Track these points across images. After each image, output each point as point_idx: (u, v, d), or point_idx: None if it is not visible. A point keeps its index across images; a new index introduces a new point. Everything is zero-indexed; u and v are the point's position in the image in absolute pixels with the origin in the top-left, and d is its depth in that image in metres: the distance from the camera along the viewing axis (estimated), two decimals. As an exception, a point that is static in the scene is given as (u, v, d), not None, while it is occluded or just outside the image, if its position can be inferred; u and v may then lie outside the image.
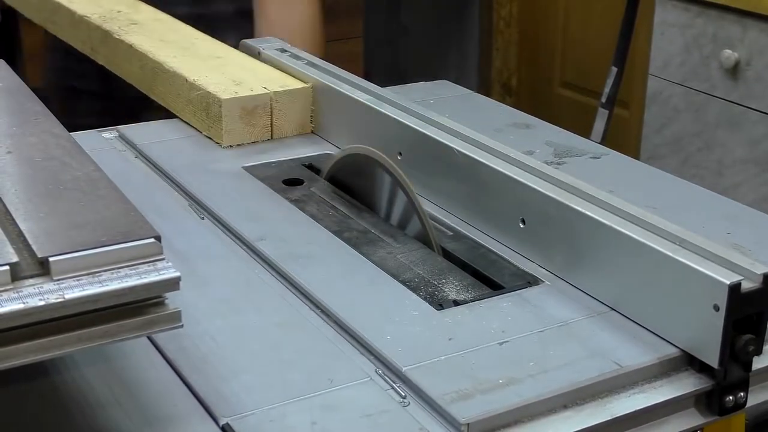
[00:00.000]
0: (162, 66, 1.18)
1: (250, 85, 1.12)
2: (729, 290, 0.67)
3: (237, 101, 1.09)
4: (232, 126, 1.09)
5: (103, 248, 0.58)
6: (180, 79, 1.15)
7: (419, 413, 0.66)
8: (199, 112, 1.12)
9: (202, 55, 1.22)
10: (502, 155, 0.90)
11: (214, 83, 1.12)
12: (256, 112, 1.10)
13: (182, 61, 1.19)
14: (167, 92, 1.18)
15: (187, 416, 0.66)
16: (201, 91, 1.11)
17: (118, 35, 1.28)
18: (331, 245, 0.88)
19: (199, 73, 1.15)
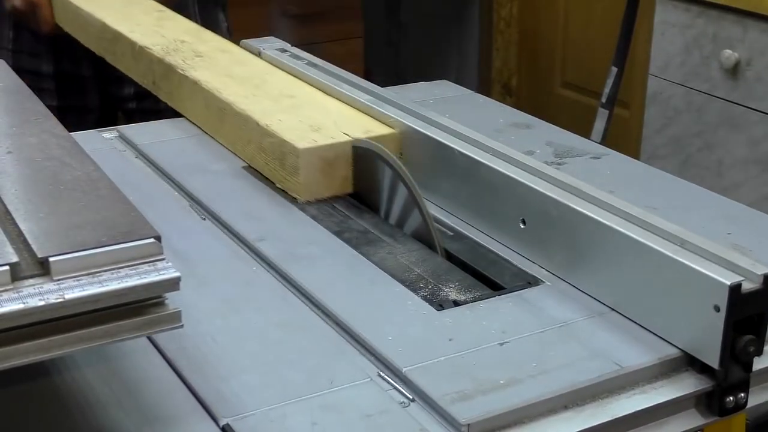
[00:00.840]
0: (231, 107, 1.06)
1: (329, 131, 0.98)
2: (729, 291, 0.67)
3: (316, 151, 0.95)
4: (310, 178, 0.95)
5: (103, 248, 0.58)
6: (251, 123, 1.02)
7: (419, 414, 0.66)
8: (273, 161, 0.99)
9: (274, 93, 1.10)
10: (502, 155, 0.89)
11: (289, 129, 0.99)
12: (336, 163, 0.96)
13: (253, 101, 1.07)
14: (236, 137, 1.06)
15: (187, 416, 0.66)
16: (275, 138, 0.98)
17: (182, 70, 1.16)
18: (331, 245, 0.88)
19: (272, 116, 1.02)
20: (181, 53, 1.22)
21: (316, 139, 0.96)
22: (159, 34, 1.29)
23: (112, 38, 1.33)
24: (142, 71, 1.27)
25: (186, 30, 1.32)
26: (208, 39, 1.29)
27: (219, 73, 1.15)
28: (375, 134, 0.98)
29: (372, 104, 1.04)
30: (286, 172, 0.97)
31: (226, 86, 1.11)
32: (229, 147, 1.08)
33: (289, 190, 0.97)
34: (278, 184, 0.98)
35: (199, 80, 1.13)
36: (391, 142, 0.98)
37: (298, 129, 0.98)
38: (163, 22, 1.35)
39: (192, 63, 1.18)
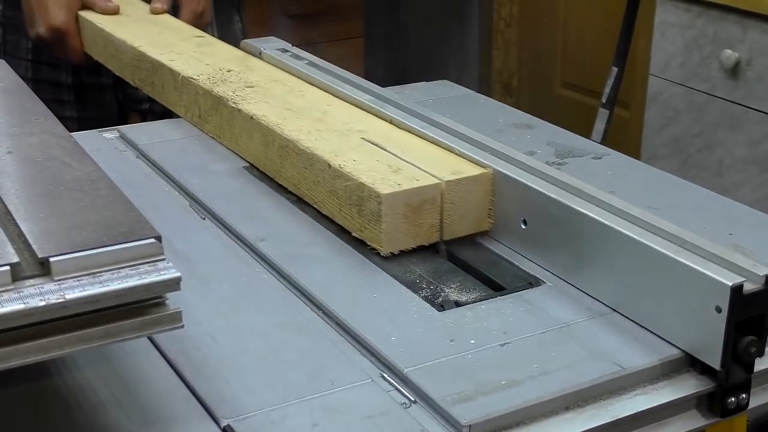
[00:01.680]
0: (295, 145, 0.95)
1: (411, 172, 0.87)
2: (731, 292, 0.67)
3: (401, 196, 0.83)
4: (393, 227, 0.84)
5: (103, 248, 0.58)
6: (319, 163, 0.91)
7: (420, 415, 0.66)
8: (348, 207, 0.88)
9: (340, 127, 0.99)
10: (503, 156, 0.89)
11: (366, 170, 0.87)
12: (423, 209, 0.85)
13: (318, 136, 0.96)
14: (301, 177, 0.95)
15: (187, 417, 0.66)
16: (351, 182, 0.86)
17: (234, 103, 1.06)
18: (332, 246, 0.88)
19: (344, 155, 0.91)
20: (230, 84, 1.12)
21: (400, 182, 0.84)
22: (202, 62, 1.19)
23: (150, 68, 1.22)
24: (185, 104, 1.17)
25: (231, 57, 1.23)
26: (256, 67, 1.19)
27: (276, 105, 1.05)
28: (465, 175, 0.86)
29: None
30: (364, 219, 0.85)
31: (286, 120, 1.00)
32: (292, 188, 0.97)
33: (368, 240, 0.85)
34: (355, 233, 0.87)
35: (255, 114, 1.02)
36: (482, 184, 0.87)
37: (375, 170, 0.87)
38: (203, 48, 1.25)
39: (244, 95, 1.08)
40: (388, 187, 0.83)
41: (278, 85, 1.12)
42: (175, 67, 1.16)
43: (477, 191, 0.87)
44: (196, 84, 1.12)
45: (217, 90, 1.09)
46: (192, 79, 1.13)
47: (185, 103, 1.16)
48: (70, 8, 1.35)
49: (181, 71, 1.15)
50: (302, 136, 0.95)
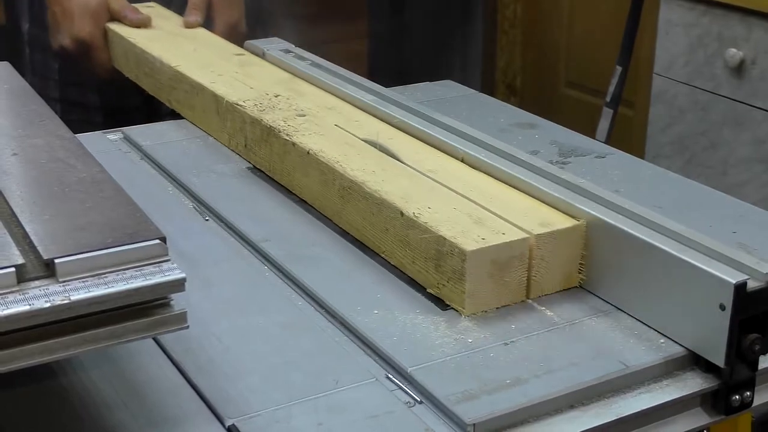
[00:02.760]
0: (360, 187, 0.85)
1: (496, 225, 0.78)
2: (735, 289, 0.67)
3: (486, 253, 0.75)
4: (477, 287, 0.75)
5: (108, 250, 0.58)
6: (389, 209, 0.82)
7: (425, 414, 0.66)
8: (423, 261, 0.79)
9: (409, 166, 0.90)
10: (507, 155, 0.89)
11: (445, 220, 0.78)
12: (510, 266, 0.76)
13: (385, 177, 0.86)
14: (366, 223, 0.86)
15: (193, 417, 0.66)
16: (428, 234, 0.77)
17: (287, 135, 0.96)
18: (336, 246, 0.88)
19: (418, 201, 0.82)
20: (280, 111, 1.03)
21: (484, 237, 0.75)
22: (246, 85, 1.11)
23: (189, 90, 1.14)
24: (230, 131, 1.08)
25: (276, 79, 1.14)
26: (306, 91, 1.10)
27: (333, 138, 0.96)
28: (556, 228, 0.78)
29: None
30: (443, 276, 0.77)
31: (347, 157, 0.91)
32: (355, 233, 0.88)
33: (447, 300, 0.77)
34: (431, 289, 0.79)
35: (312, 150, 0.93)
36: (575, 237, 0.79)
37: (455, 220, 0.78)
38: (246, 69, 1.17)
39: (296, 125, 0.99)
40: (472, 242, 0.74)
41: (332, 114, 1.03)
42: (219, 91, 1.09)
43: (568, 245, 0.78)
44: (242, 111, 1.04)
45: (267, 119, 1.00)
46: (238, 105, 1.05)
47: (229, 130, 1.08)
48: (96, 19, 1.29)
49: (225, 96, 1.07)
50: (367, 177, 0.86)
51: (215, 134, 1.11)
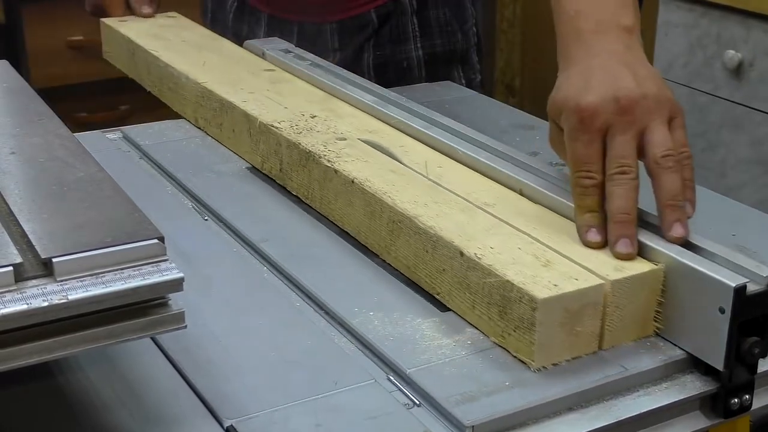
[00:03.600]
0: (412, 222, 0.79)
1: (566, 268, 0.72)
2: (734, 292, 0.67)
3: (558, 302, 0.68)
4: (548, 337, 0.69)
5: (106, 249, 0.58)
6: (447, 248, 0.75)
7: (424, 415, 0.66)
8: (485, 306, 0.72)
9: (462, 198, 0.83)
10: (506, 157, 0.89)
11: (509, 262, 0.72)
12: (583, 315, 0.70)
13: (439, 211, 0.80)
14: (419, 261, 0.79)
15: (191, 418, 0.66)
16: (494, 279, 0.71)
17: (328, 161, 0.90)
18: (335, 246, 0.88)
19: (477, 239, 0.75)
20: (318, 134, 0.96)
21: (556, 282, 0.69)
22: (279, 104, 1.05)
23: (218, 108, 1.08)
24: (263, 154, 1.01)
25: (310, 97, 1.08)
26: (343, 112, 1.04)
27: (377, 165, 0.89)
28: (633, 273, 0.71)
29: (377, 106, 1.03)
30: (508, 325, 0.70)
31: (395, 188, 0.84)
32: (404, 270, 0.81)
33: (513, 350, 0.71)
34: (493, 338, 0.72)
35: (356, 178, 0.86)
36: (653, 283, 0.72)
37: (521, 263, 0.72)
38: (278, 86, 1.11)
39: (337, 150, 0.92)
40: (544, 288, 0.68)
41: (374, 137, 0.97)
42: (251, 111, 1.02)
43: (645, 291, 0.72)
44: (277, 133, 0.97)
45: (305, 142, 0.94)
46: (272, 126, 0.98)
47: (262, 152, 1.01)
48: None
49: (259, 116, 1.01)
50: (419, 211, 0.80)
51: (246, 156, 1.05)
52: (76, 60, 2.54)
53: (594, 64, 0.79)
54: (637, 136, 0.76)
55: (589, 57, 0.80)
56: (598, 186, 0.76)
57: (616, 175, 0.75)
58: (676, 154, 0.76)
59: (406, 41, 1.40)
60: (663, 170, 0.75)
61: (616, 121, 0.76)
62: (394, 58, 1.40)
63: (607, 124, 0.76)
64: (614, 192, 0.75)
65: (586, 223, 0.76)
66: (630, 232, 0.74)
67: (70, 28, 2.50)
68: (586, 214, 0.76)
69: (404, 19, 1.39)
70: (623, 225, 0.74)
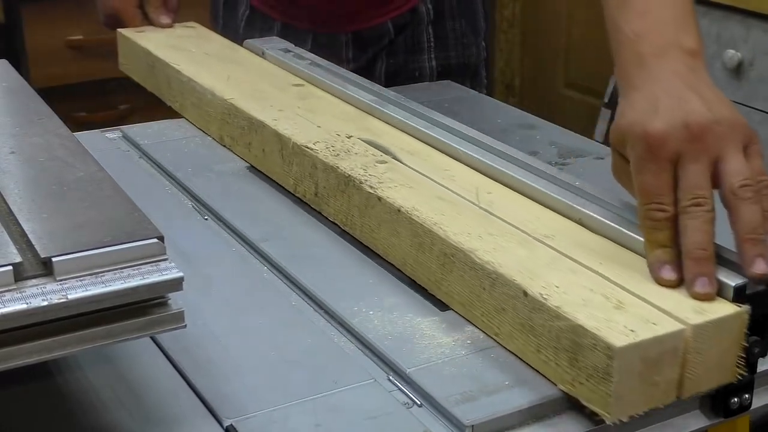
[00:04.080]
0: (467, 256, 0.73)
1: (641, 310, 0.66)
2: (734, 292, 0.67)
3: (637, 350, 0.62)
4: (624, 388, 0.63)
5: (106, 248, 0.58)
6: (508, 287, 0.69)
7: (423, 415, 0.66)
8: (552, 351, 0.66)
9: (518, 229, 0.77)
10: (506, 156, 0.89)
11: (579, 303, 0.66)
12: (662, 363, 0.64)
13: (495, 245, 0.74)
14: (475, 298, 0.73)
15: (190, 417, 0.66)
16: (563, 322, 0.65)
17: (370, 187, 0.84)
18: (335, 246, 0.88)
19: (541, 276, 0.69)
20: (357, 157, 0.90)
21: (633, 328, 0.63)
22: (311, 122, 0.99)
23: (246, 126, 1.03)
24: (295, 176, 0.95)
25: (343, 115, 1.02)
26: (380, 130, 0.98)
27: (424, 192, 0.83)
28: (716, 316, 0.65)
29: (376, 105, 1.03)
30: (580, 373, 0.64)
31: (446, 217, 0.78)
32: (458, 308, 0.76)
33: (584, 400, 0.65)
34: (562, 385, 0.66)
35: (402, 207, 0.80)
36: (736, 325, 0.66)
37: (591, 304, 0.66)
38: (308, 102, 1.05)
39: (378, 174, 0.86)
40: (620, 335, 0.62)
41: (416, 160, 0.90)
42: (283, 130, 0.96)
43: (728, 335, 0.66)
44: (313, 155, 0.91)
45: (344, 166, 0.87)
46: (307, 148, 0.92)
47: (295, 175, 0.95)
48: None
49: (292, 136, 0.95)
50: (474, 244, 0.74)
51: (277, 177, 0.99)
52: (76, 60, 2.53)
53: (658, 89, 0.74)
54: (711, 164, 0.71)
55: (652, 82, 0.75)
56: (670, 219, 0.70)
57: (690, 207, 0.70)
58: (754, 183, 0.70)
59: (420, 51, 1.39)
60: (741, 201, 0.70)
61: (688, 149, 0.70)
62: (407, 67, 1.39)
63: (678, 153, 0.71)
64: (689, 225, 0.69)
65: (658, 260, 0.70)
66: (708, 270, 0.68)
67: (69, 27, 2.50)
68: (658, 250, 0.70)
69: (420, 28, 1.38)
70: (701, 262, 0.68)
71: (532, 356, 0.69)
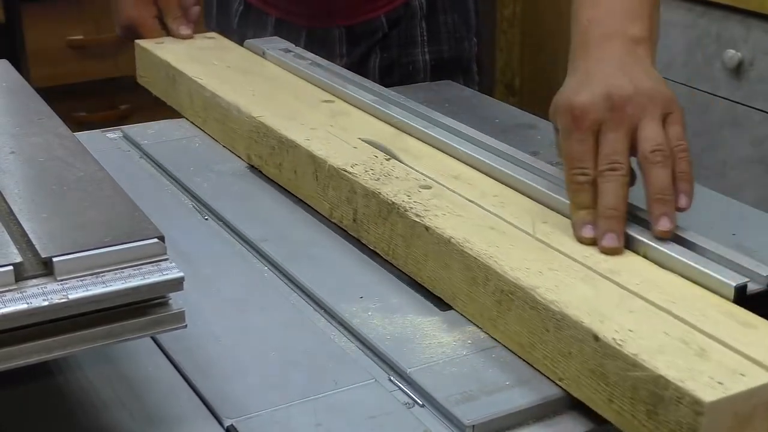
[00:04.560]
0: (528, 294, 0.68)
1: (725, 358, 0.60)
2: (735, 292, 0.67)
3: (728, 404, 0.57)
4: None
5: (106, 248, 0.58)
6: (576, 330, 0.64)
7: (424, 415, 0.66)
8: (627, 402, 0.61)
9: (579, 265, 0.71)
10: (506, 156, 0.89)
11: (655, 350, 0.60)
12: (754, 417, 0.58)
13: (558, 281, 0.69)
14: (536, 340, 0.68)
15: (191, 417, 0.66)
16: (641, 372, 0.59)
17: (416, 215, 0.78)
18: (335, 246, 0.88)
19: (612, 318, 0.64)
20: (399, 181, 0.84)
21: (721, 380, 0.57)
22: (346, 142, 0.93)
23: (277, 146, 0.97)
24: (331, 201, 0.90)
25: (380, 135, 0.96)
26: (419, 151, 0.92)
27: (474, 220, 0.78)
28: None
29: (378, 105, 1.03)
30: (660, 427, 0.58)
31: (500, 249, 0.73)
32: (517, 349, 0.70)
33: None
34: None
35: (453, 238, 0.75)
36: None
37: (670, 350, 0.60)
38: (341, 120, 1.00)
39: (424, 201, 0.81)
40: (708, 388, 0.56)
41: (462, 185, 0.85)
42: (317, 151, 0.91)
43: None
44: (351, 179, 0.86)
45: (386, 192, 0.82)
46: (345, 171, 0.87)
47: (331, 199, 0.89)
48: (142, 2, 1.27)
49: (327, 158, 0.89)
50: (535, 280, 0.68)
51: (311, 201, 0.93)
52: (76, 59, 2.53)
53: (593, 69, 0.81)
54: (629, 132, 0.77)
55: (590, 63, 0.82)
56: (591, 183, 0.77)
57: (606, 172, 0.76)
58: (666, 149, 0.76)
59: (413, 45, 1.40)
60: (651, 165, 0.76)
61: (608, 118, 0.77)
62: (400, 61, 1.40)
63: (599, 122, 0.77)
64: (604, 188, 0.76)
65: (581, 220, 0.76)
66: (617, 227, 0.74)
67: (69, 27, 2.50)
68: (581, 211, 0.76)
69: (413, 22, 1.39)
70: (611, 220, 0.74)
71: (603, 405, 0.63)
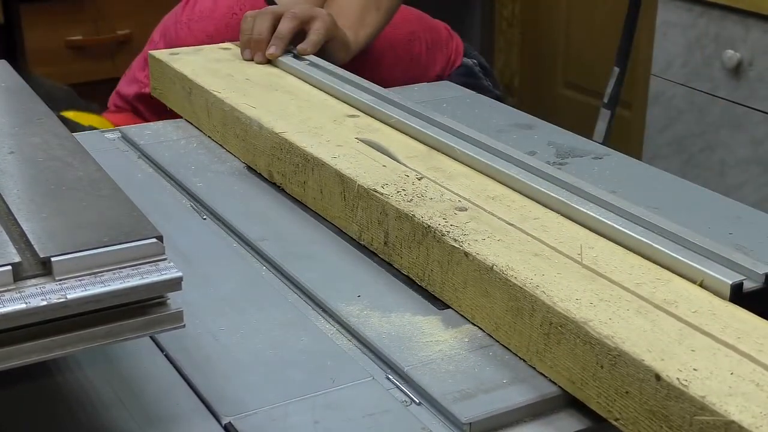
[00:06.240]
0: (580, 328, 0.63)
1: None
2: (731, 290, 0.67)
3: None
4: None
5: (105, 248, 0.58)
6: (635, 368, 0.59)
7: (421, 413, 0.66)
8: None
9: (633, 296, 0.66)
10: (504, 156, 0.89)
11: (727, 393, 0.56)
12: None
13: (611, 313, 0.64)
14: (588, 376, 0.63)
15: (189, 415, 0.66)
16: (711, 417, 0.55)
17: (454, 240, 0.74)
18: (333, 245, 0.88)
19: (675, 357, 0.59)
20: (433, 203, 0.80)
21: None
22: (375, 160, 0.88)
23: (301, 164, 0.92)
24: (360, 222, 0.85)
25: (410, 153, 0.91)
26: (452, 170, 0.87)
27: (516, 246, 0.73)
28: None
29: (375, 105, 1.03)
30: None
31: (546, 278, 0.68)
32: (566, 385, 0.66)
33: None
34: None
35: (495, 265, 0.70)
36: None
37: (741, 393, 0.56)
38: (367, 136, 0.95)
39: (461, 224, 0.76)
40: None
41: (500, 207, 0.80)
42: (345, 170, 0.86)
43: None
44: (382, 200, 0.81)
45: (420, 214, 0.77)
46: (376, 192, 0.82)
47: (361, 221, 0.85)
48: None
49: (356, 178, 0.84)
50: (587, 313, 0.64)
51: (338, 222, 0.89)
52: (76, 60, 2.54)
53: None
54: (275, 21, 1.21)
55: None
56: None
57: None
58: None
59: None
60: None
61: None
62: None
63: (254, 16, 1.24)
64: None
65: None
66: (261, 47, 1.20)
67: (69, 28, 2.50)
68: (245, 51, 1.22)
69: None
70: (260, 44, 1.20)
71: None
